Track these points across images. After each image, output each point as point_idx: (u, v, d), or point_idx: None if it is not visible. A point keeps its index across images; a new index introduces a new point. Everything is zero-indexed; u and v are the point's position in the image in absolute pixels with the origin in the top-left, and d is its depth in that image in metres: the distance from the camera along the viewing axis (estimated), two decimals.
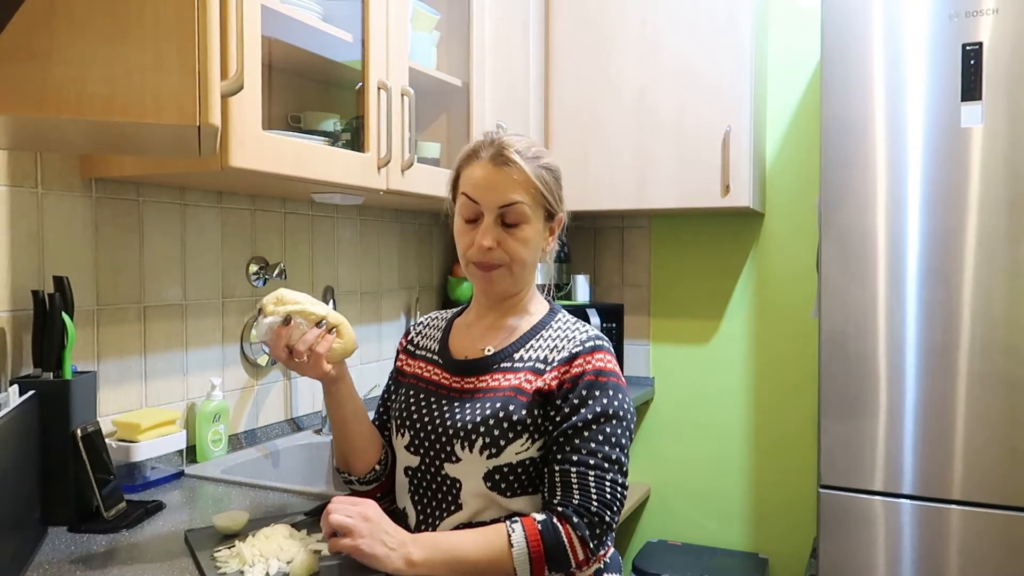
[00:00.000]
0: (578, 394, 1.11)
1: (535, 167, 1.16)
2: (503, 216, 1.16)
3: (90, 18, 0.86)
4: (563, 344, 1.17)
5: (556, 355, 1.16)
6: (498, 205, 1.15)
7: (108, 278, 1.49)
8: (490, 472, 1.11)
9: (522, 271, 1.19)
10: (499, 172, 1.15)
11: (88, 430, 1.26)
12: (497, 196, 1.15)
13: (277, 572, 1.06)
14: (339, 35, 1.60)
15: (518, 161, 1.14)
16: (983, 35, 1.76)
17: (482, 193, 1.16)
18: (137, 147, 1.15)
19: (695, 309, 2.64)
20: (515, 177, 1.14)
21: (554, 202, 1.19)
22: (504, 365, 1.18)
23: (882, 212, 1.87)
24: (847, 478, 1.91)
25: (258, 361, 1.82)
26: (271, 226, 1.88)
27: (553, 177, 1.19)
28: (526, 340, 1.20)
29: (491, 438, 1.11)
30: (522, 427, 1.11)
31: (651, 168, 2.30)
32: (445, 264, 2.59)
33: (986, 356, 1.78)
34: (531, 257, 1.19)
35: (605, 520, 1.07)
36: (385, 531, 1.03)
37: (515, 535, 1.05)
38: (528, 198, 1.16)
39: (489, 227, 1.15)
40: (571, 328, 1.20)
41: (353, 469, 1.26)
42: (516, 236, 1.16)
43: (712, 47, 2.22)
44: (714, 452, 2.62)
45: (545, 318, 1.23)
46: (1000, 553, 1.77)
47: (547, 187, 1.17)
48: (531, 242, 1.18)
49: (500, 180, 1.15)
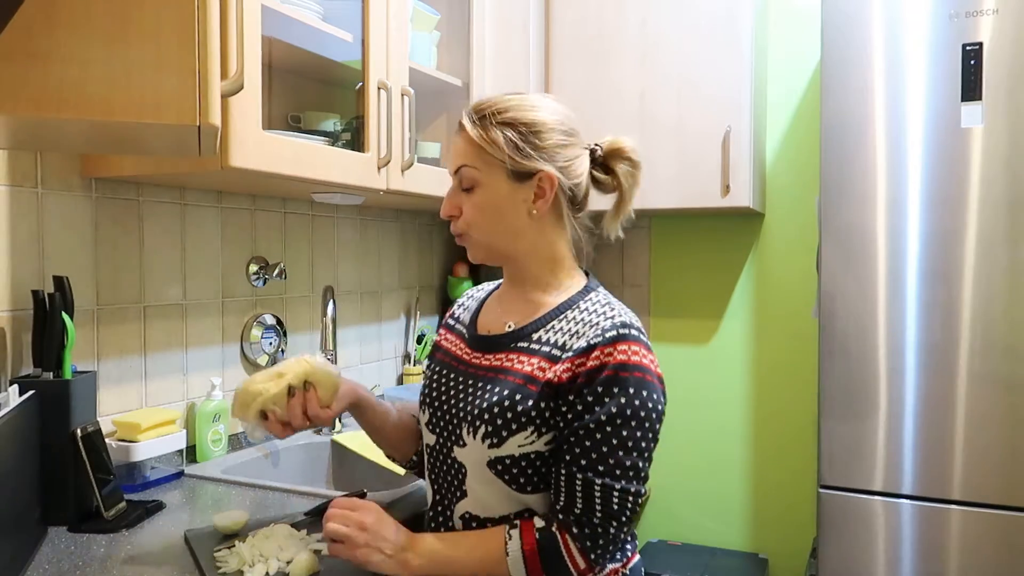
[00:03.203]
0: (593, 390, 1.01)
1: (487, 127, 1.09)
2: (460, 182, 1.13)
3: (90, 18, 0.86)
4: (584, 330, 1.06)
5: (575, 342, 1.05)
6: (452, 171, 1.14)
7: (108, 278, 1.49)
8: (492, 461, 1.05)
9: (487, 237, 1.13)
10: (456, 137, 1.14)
11: (88, 430, 1.26)
12: (452, 162, 1.14)
13: (277, 572, 1.06)
14: (339, 35, 1.60)
15: (465, 124, 1.12)
16: (983, 35, 1.76)
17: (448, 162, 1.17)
18: (137, 147, 1.15)
19: (695, 309, 2.64)
20: (464, 141, 1.12)
21: (511, 160, 1.08)
22: (521, 345, 1.11)
23: (882, 212, 1.87)
24: (847, 478, 1.91)
25: (258, 361, 1.82)
26: (271, 226, 1.88)
27: (516, 132, 1.08)
28: (549, 319, 1.11)
29: (494, 427, 1.05)
30: (527, 419, 1.04)
31: (651, 168, 2.29)
32: (445, 264, 2.59)
33: (986, 356, 1.78)
34: (492, 222, 1.11)
35: (610, 532, 1.01)
36: (383, 538, 1.02)
37: (511, 543, 1.02)
38: (475, 160, 1.10)
39: (450, 194, 1.14)
40: (597, 313, 1.08)
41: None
42: (470, 201, 1.12)
43: (712, 47, 2.22)
44: (714, 452, 2.62)
45: (575, 296, 1.12)
46: (1000, 553, 1.77)
47: (495, 145, 1.08)
48: (486, 206, 1.11)
49: (456, 145, 1.13)
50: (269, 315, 1.85)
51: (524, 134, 1.09)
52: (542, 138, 1.10)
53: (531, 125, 1.09)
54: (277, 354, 1.87)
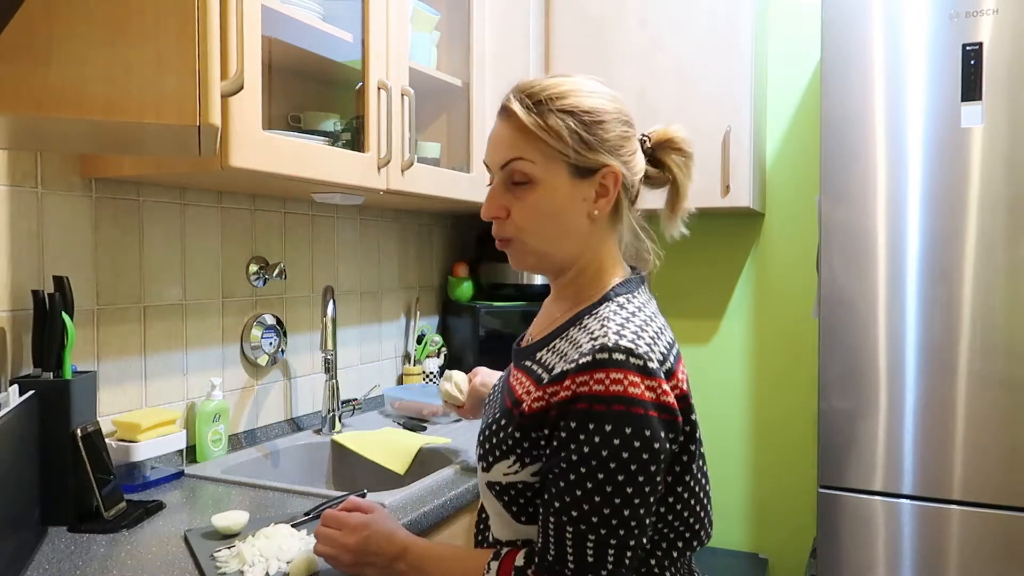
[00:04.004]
0: (567, 426, 0.87)
1: (544, 112, 0.94)
2: (509, 177, 0.97)
3: (90, 18, 0.86)
4: (570, 352, 0.92)
5: (560, 366, 0.92)
6: (499, 165, 0.98)
7: (108, 278, 1.49)
8: (489, 484, 0.98)
9: (541, 243, 0.98)
10: (500, 126, 0.98)
11: (88, 430, 1.26)
12: (496, 154, 0.98)
13: (277, 572, 1.06)
14: (339, 35, 1.60)
15: (516, 109, 0.95)
16: (983, 35, 1.76)
17: (487, 154, 1.00)
18: (137, 147, 1.15)
19: (695, 309, 2.64)
20: (514, 129, 0.96)
21: (577, 153, 0.94)
22: (526, 363, 1.01)
23: (882, 212, 1.87)
24: (847, 478, 1.91)
25: (258, 361, 1.82)
26: (271, 226, 1.88)
27: (577, 121, 0.94)
28: (555, 336, 1.00)
29: (484, 450, 0.98)
30: (507, 448, 0.94)
31: None
32: (445, 264, 2.59)
33: (986, 355, 1.78)
34: (550, 227, 0.97)
35: None
36: (372, 553, 1.02)
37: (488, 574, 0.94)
38: (531, 152, 0.95)
39: (495, 192, 0.98)
40: (589, 330, 0.93)
41: None
42: (524, 201, 0.96)
43: (712, 47, 2.22)
44: (714, 451, 2.62)
45: (587, 308, 0.98)
46: (1000, 553, 1.77)
47: (557, 135, 0.93)
48: (543, 207, 0.96)
49: (501, 134, 0.98)
50: (269, 315, 1.85)
51: (587, 124, 0.95)
52: (606, 128, 0.96)
53: (594, 113, 0.96)
54: (277, 354, 1.87)
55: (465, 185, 1.98)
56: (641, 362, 0.87)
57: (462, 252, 2.66)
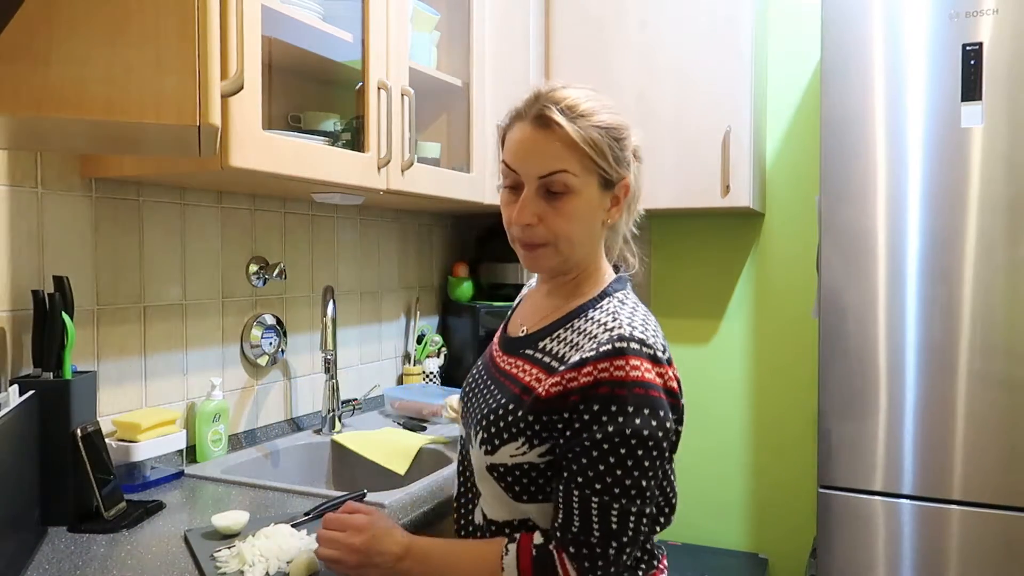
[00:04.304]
0: (590, 408, 0.95)
1: (585, 127, 0.99)
2: (546, 186, 1.01)
3: (90, 18, 0.86)
4: (582, 342, 1.00)
5: (572, 355, 1.00)
6: (538, 175, 1.01)
7: (108, 278, 1.49)
8: (490, 467, 1.04)
9: (571, 249, 1.04)
10: (540, 135, 1.00)
11: (88, 430, 1.26)
12: (537, 164, 1.01)
13: (277, 572, 1.06)
14: (339, 35, 1.60)
15: (561, 121, 0.98)
16: (983, 35, 1.76)
17: (521, 161, 1.02)
18: (137, 147, 1.15)
19: (695, 309, 2.64)
20: (558, 141, 0.99)
21: (611, 167, 1.02)
22: (527, 352, 1.08)
23: (882, 212, 1.87)
24: (847, 478, 1.91)
25: (258, 361, 1.82)
26: (271, 226, 1.88)
27: (611, 138, 1.01)
28: (558, 327, 1.06)
29: (488, 435, 1.04)
30: (517, 430, 1.00)
31: (651, 168, 2.29)
32: (445, 264, 2.59)
33: (986, 356, 1.78)
34: (581, 233, 1.04)
35: (609, 553, 0.95)
36: (377, 553, 1.03)
37: (507, 556, 0.99)
38: (575, 165, 1.00)
39: (529, 200, 1.02)
40: (599, 322, 1.01)
41: None
42: (561, 210, 1.01)
43: (712, 47, 2.22)
44: (714, 452, 2.62)
45: (587, 303, 1.06)
46: (1000, 553, 1.77)
47: (598, 150, 1.00)
48: (579, 216, 1.02)
49: (540, 144, 1.00)
50: (269, 315, 1.85)
51: (616, 139, 1.03)
52: (627, 144, 1.05)
53: (620, 129, 1.04)
54: (277, 354, 1.87)
55: (465, 185, 1.98)
56: (651, 351, 0.97)
57: (462, 252, 2.66)
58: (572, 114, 0.99)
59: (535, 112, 1.01)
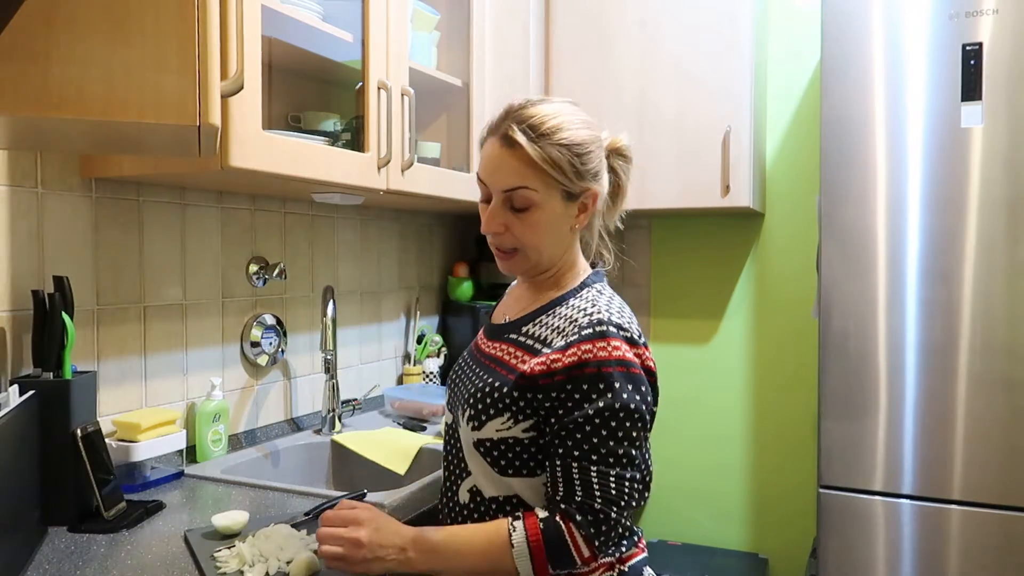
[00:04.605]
0: (579, 387, 1.03)
1: (545, 146, 1.07)
2: (510, 200, 1.10)
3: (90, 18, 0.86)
4: (564, 326, 1.09)
5: (554, 338, 1.09)
6: (502, 189, 1.10)
7: (108, 278, 1.49)
8: (476, 443, 1.10)
9: (539, 255, 1.14)
10: (505, 152, 1.09)
11: (88, 430, 1.26)
12: (501, 179, 1.10)
13: (277, 572, 1.06)
14: (339, 35, 1.60)
15: (522, 142, 1.07)
16: (983, 35, 1.76)
17: (488, 174, 1.12)
18: (137, 147, 1.15)
19: (695, 309, 2.64)
20: (519, 160, 1.08)
21: (571, 182, 1.10)
22: (512, 336, 1.16)
23: (882, 212, 1.87)
24: (847, 478, 1.91)
25: (258, 361, 1.82)
26: (271, 226, 1.88)
27: (573, 154, 1.09)
28: (539, 314, 1.15)
29: (475, 411, 1.10)
30: (503, 406, 1.08)
31: (651, 168, 2.30)
32: (445, 264, 2.59)
33: (986, 356, 1.78)
34: (546, 241, 1.13)
35: (611, 517, 1.03)
36: (381, 546, 1.03)
37: (516, 534, 1.03)
38: (536, 182, 1.08)
39: (495, 210, 1.11)
40: (579, 308, 1.10)
41: None
42: (525, 222, 1.10)
43: (712, 47, 2.22)
44: (714, 452, 2.62)
45: (568, 293, 1.15)
46: (1000, 553, 1.77)
47: (558, 168, 1.08)
48: (543, 227, 1.11)
49: (505, 161, 1.09)
50: (269, 315, 1.85)
51: (579, 155, 1.10)
52: (590, 158, 1.12)
53: (583, 145, 1.10)
54: (277, 354, 1.87)
55: (465, 185, 1.98)
56: (628, 334, 1.07)
57: (462, 252, 2.67)
58: (535, 133, 1.07)
59: (502, 131, 1.10)
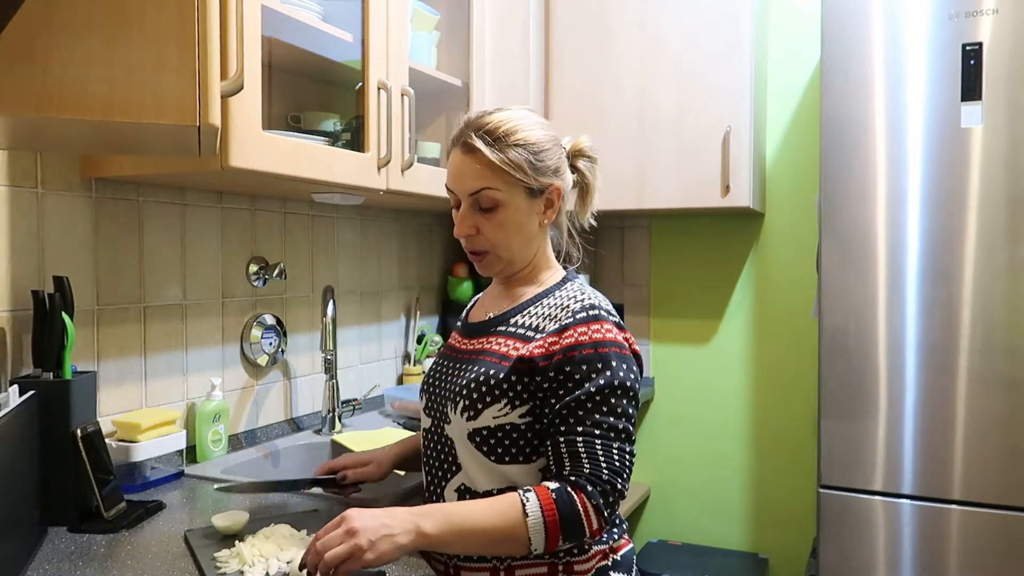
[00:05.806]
0: (578, 368, 1.08)
1: (503, 148, 1.14)
2: (477, 202, 1.17)
3: (90, 18, 0.86)
4: (557, 313, 1.15)
5: (549, 324, 1.14)
6: (468, 192, 1.16)
7: (108, 278, 1.49)
8: (471, 434, 1.12)
9: (510, 253, 1.20)
10: (466, 159, 1.16)
11: (88, 430, 1.26)
12: (466, 183, 1.16)
13: (277, 572, 1.06)
14: (339, 35, 1.60)
15: (480, 147, 1.14)
16: (983, 35, 1.76)
17: (454, 182, 1.19)
18: (137, 147, 1.15)
19: (695, 309, 2.64)
20: (481, 163, 1.15)
21: (532, 179, 1.16)
22: (500, 329, 1.20)
23: (882, 212, 1.87)
24: (847, 478, 1.91)
25: (258, 361, 1.82)
26: (271, 226, 1.88)
27: (529, 153, 1.16)
28: (527, 306, 1.20)
29: (470, 401, 1.13)
30: (499, 392, 1.11)
31: (651, 168, 2.30)
32: (445, 264, 2.59)
33: (986, 356, 1.78)
34: (515, 238, 1.19)
35: (617, 487, 1.07)
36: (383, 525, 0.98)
37: (529, 504, 1.03)
38: (497, 182, 1.15)
39: (464, 214, 1.18)
40: (568, 297, 1.17)
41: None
42: (493, 221, 1.17)
43: (712, 47, 2.22)
44: (714, 452, 2.62)
45: (553, 286, 1.22)
46: (1000, 553, 1.77)
47: (516, 167, 1.15)
48: (510, 224, 1.17)
49: (467, 167, 1.16)
50: (269, 315, 1.85)
51: (536, 153, 1.17)
52: (547, 155, 1.18)
53: (539, 144, 1.17)
54: (277, 354, 1.87)
55: None
56: (616, 319, 1.15)
57: (462, 252, 2.66)
58: (491, 138, 1.15)
59: (462, 140, 1.17)
